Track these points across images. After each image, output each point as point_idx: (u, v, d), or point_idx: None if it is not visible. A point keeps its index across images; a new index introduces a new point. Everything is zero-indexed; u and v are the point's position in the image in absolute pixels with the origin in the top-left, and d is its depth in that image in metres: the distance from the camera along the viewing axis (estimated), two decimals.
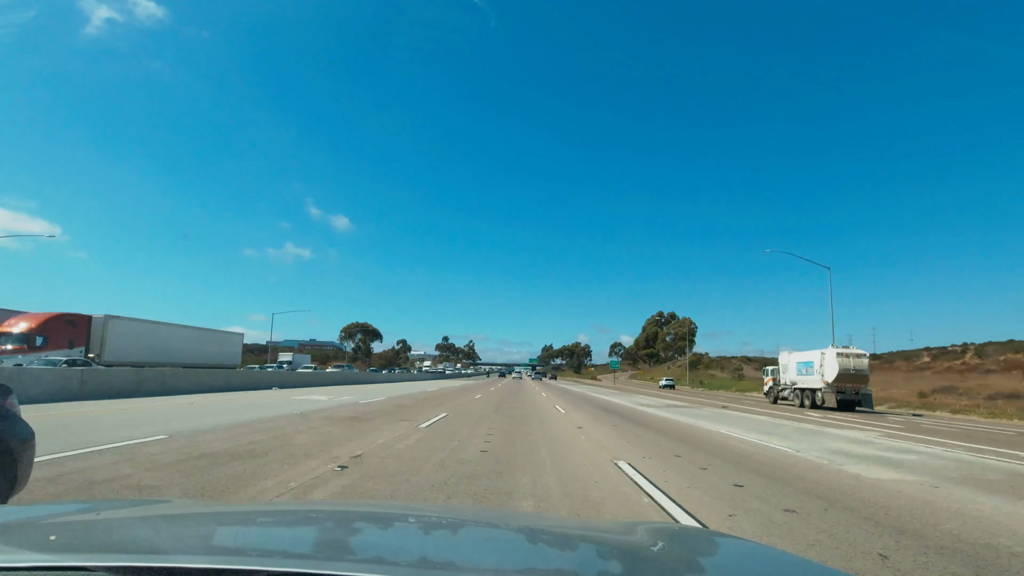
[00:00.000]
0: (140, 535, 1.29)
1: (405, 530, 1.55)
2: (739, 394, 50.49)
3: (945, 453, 9.88)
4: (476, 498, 4.90)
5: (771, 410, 23.54)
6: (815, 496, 5.55)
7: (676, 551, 1.43)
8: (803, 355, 28.00)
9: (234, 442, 7.45)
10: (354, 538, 1.41)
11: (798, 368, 27.97)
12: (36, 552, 1.02)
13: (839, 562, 3.50)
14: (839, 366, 24.41)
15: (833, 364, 24.65)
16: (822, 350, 25.87)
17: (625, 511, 4.67)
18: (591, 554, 1.37)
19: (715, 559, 1.44)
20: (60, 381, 14.57)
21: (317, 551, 1.24)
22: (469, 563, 1.20)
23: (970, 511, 5.17)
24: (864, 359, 25.05)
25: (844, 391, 24.68)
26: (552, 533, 1.62)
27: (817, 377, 25.70)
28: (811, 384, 26.41)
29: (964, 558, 3.73)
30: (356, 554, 1.24)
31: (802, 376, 27.46)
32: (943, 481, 6.74)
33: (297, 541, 1.39)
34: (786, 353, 30.04)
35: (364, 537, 1.44)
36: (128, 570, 0.86)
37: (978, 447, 11.26)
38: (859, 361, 24.84)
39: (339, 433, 9.14)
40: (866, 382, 25.15)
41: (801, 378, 27.54)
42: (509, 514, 3.35)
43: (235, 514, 1.81)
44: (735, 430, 12.74)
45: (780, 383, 30.26)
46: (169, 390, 18.53)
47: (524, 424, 12.22)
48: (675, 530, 2.20)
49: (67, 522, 1.40)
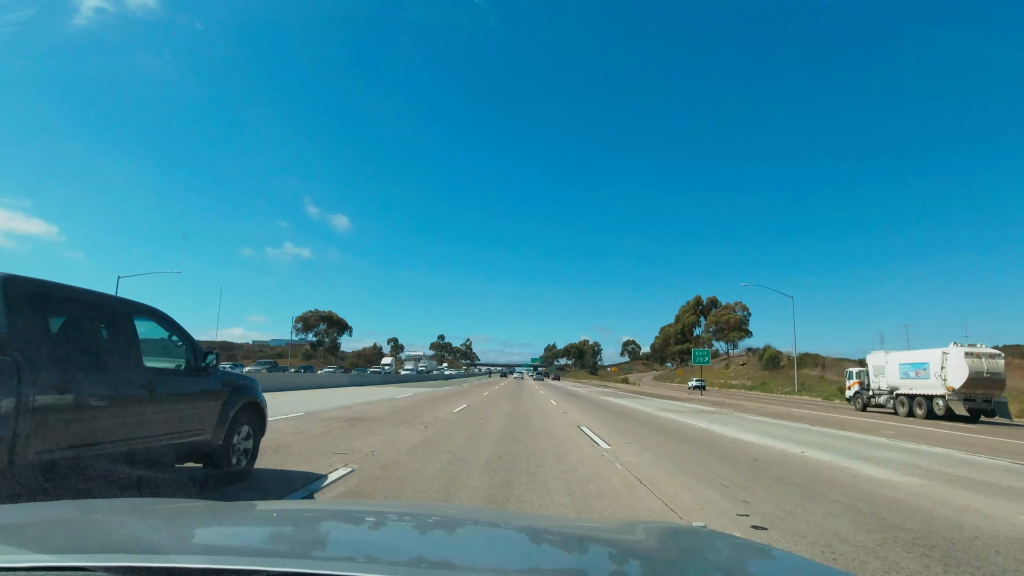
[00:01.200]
0: (140, 534, 1.29)
1: (405, 530, 1.55)
2: (806, 399, 42.63)
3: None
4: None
5: (896, 423, 19.25)
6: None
7: (676, 550, 1.41)
8: (910, 355, 23.84)
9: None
10: (354, 538, 1.41)
11: (902, 371, 23.71)
12: (35, 552, 1.03)
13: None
14: (969, 368, 20.20)
15: (960, 366, 20.42)
16: (943, 349, 21.57)
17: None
18: (591, 554, 1.36)
19: (715, 558, 1.40)
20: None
21: (317, 551, 1.25)
22: (469, 563, 1.19)
23: None
24: (999, 360, 20.78)
25: (973, 398, 20.49)
26: (552, 532, 1.60)
27: (935, 382, 21.47)
28: (925, 390, 22.18)
29: None
30: (356, 554, 1.21)
31: (909, 380, 23.23)
32: None
33: (297, 541, 1.34)
34: (881, 354, 25.85)
35: (364, 537, 1.44)
36: (127, 570, 0.85)
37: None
38: (994, 363, 20.59)
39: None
40: (1002, 388, 20.91)
41: (908, 382, 23.30)
42: (509, 514, 3.38)
43: (235, 513, 1.74)
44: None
45: (871, 388, 26.00)
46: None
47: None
48: (675, 529, 2.03)
49: (66, 522, 1.38)
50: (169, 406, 4.48)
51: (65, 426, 3.44)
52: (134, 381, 4.12)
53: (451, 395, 25.28)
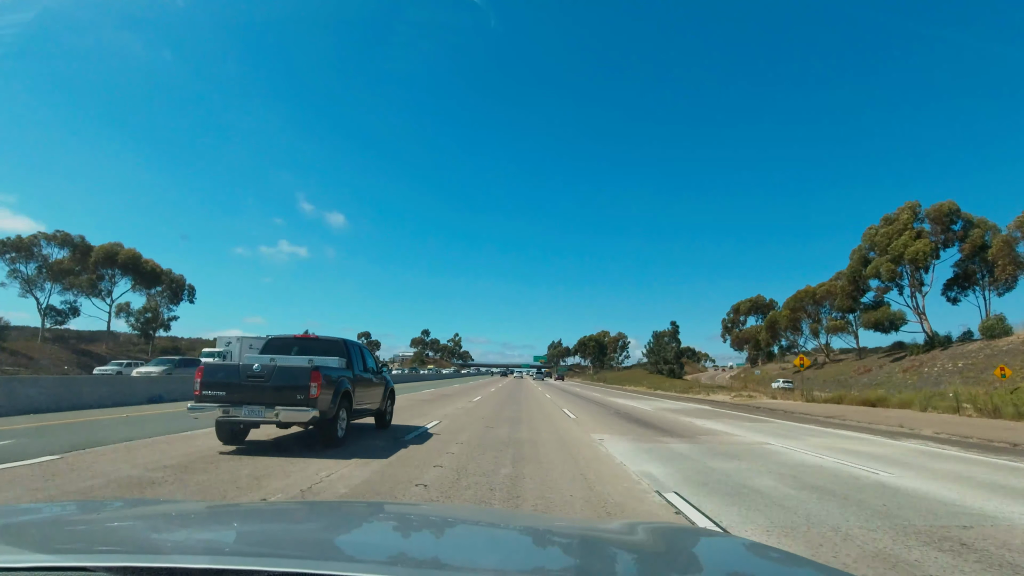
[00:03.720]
0: (140, 534, 1.32)
1: (405, 529, 1.58)
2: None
3: None
4: None
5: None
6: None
7: (676, 551, 1.44)
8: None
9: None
10: (355, 537, 1.45)
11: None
12: (36, 552, 1.05)
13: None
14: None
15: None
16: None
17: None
18: (592, 554, 1.37)
19: (716, 559, 1.46)
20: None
21: (317, 550, 1.25)
22: (470, 563, 1.21)
23: None
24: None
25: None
26: (553, 533, 1.64)
27: None
28: None
29: None
30: (356, 553, 1.28)
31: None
32: None
33: (297, 540, 1.39)
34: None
35: (364, 536, 1.47)
36: (128, 570, 0.86)
37: None
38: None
39: None
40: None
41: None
42: (510, 514, 3.41)
43: (235, 513, 1.85)
44: None
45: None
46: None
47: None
48: (675, 530, 2.19)
49: (68, 521, 1.44)
50: (375, 391, 9.70)
51: (358, 396, 8.61)
52: (380, 382, 9.58)
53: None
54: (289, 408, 6.85)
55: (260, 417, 6.84)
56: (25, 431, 8.89)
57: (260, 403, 6.85)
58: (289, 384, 6.93)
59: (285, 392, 6.89)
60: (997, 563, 3.57)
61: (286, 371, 7.06)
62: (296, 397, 6.87)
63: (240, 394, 6.91)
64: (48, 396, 12.45)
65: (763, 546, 1.74)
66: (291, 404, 6.86)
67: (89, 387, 14.24)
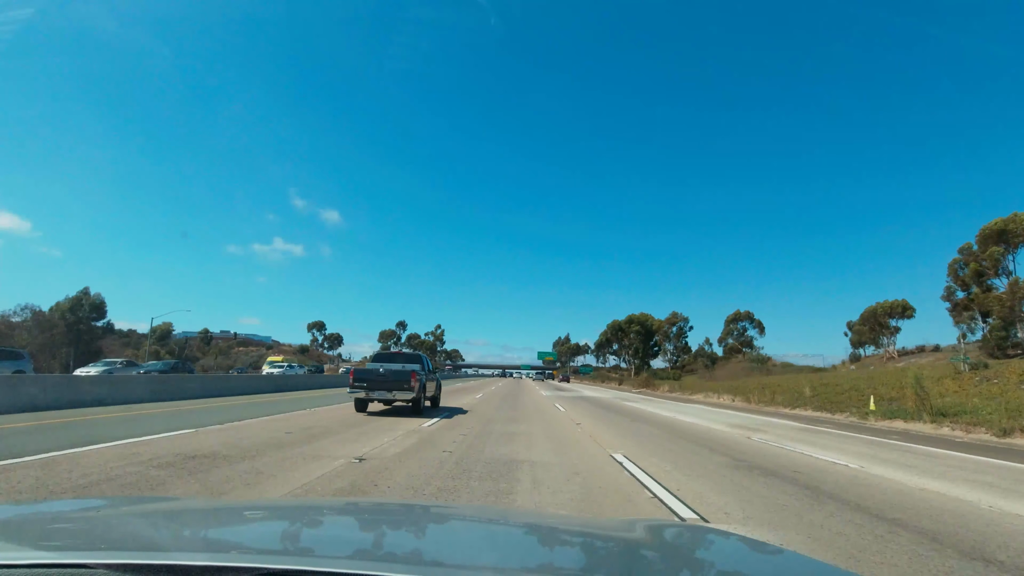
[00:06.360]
0: (140, 532, 1.33)
1: (405, 528, 1.59)
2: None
3: None
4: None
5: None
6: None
7: (676, 548, 1.46)
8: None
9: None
10: (354, 535, 1.50)
11: None
12: (37, 549, 1.06)
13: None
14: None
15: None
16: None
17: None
18: (592, 552, 1.38)
19: (716, 556, 1.46)
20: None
21: (317, 548, 1.27)
22: (470, 561, 1.21)
23: None
24: None
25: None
26: (552, 531, 1.64)
27: None
28: None
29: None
30: (356, 551, 1.29)
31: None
32: None
33: (297, 538, 1.41)
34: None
35: (364, 534, 1.51)
36: (128, 567, 0.87)
37: None
38: None
39: None
40: None
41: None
42: (510, 512, 3.48)
43: (236, 511, 1.89)
44: None
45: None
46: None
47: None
48: (675, 527, 2.26)
49: (67, 519, 1.47)
50: (433, 384, 15.98)
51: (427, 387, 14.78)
52: (434, 378, 16.05)
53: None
54: (400, 391, 12.95)
55: (386, 396, 12.98)
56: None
57: (385, 389, 12.97)
58: (399, 379, 12.97)
59: (398, 383, 12.97)
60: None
61: (397, 372, 13.13)
62: (404, 386, 12.96)
63: (375, 384, 13.02)
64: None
65: (765, 544, 1.77)
66: (401, 390, 12.97)
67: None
